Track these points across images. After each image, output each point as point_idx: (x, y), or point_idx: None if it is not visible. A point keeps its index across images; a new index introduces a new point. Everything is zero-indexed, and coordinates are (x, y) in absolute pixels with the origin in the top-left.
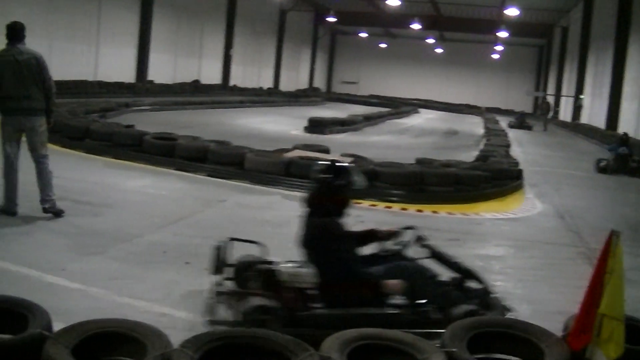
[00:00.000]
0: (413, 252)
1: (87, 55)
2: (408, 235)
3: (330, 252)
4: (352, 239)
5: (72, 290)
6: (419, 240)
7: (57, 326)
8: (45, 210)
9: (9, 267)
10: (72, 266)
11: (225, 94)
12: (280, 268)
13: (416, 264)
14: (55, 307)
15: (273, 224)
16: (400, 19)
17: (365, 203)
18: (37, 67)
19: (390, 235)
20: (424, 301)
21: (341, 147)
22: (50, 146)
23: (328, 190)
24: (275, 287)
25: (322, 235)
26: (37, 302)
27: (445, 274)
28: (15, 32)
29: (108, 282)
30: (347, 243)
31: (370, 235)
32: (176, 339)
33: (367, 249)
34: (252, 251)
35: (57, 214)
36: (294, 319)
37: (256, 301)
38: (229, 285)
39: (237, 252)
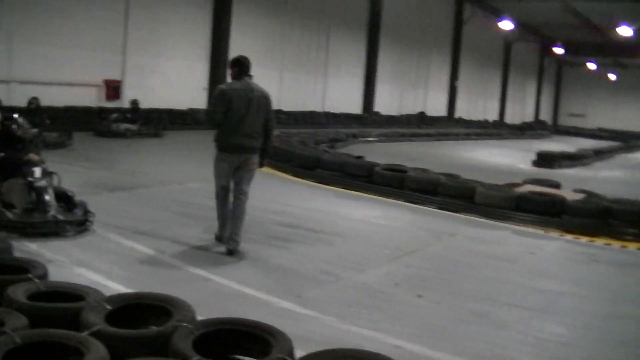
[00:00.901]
0: None
1: (316, 86)
2: None
3: None
4: None
5: (307, 317)
6: None
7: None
8: (228, 252)
9: (247, 291)
10: (307, 293)
11: (450, 126)
12: None
13: None
14: (290, 333)
15: (504, 259)
16: (631, 48)
17: (599, 241)
18: (265, 105)
19: None
20: None
21: (571, 182)
22: (282, 175)
23: None
24: None
25: None
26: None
27: None
28: (245, 67)
29: (341, 311)
30: None
31: None
32: None
33: None
34: None
35: (233, 253)
36: None
37: None
38: None
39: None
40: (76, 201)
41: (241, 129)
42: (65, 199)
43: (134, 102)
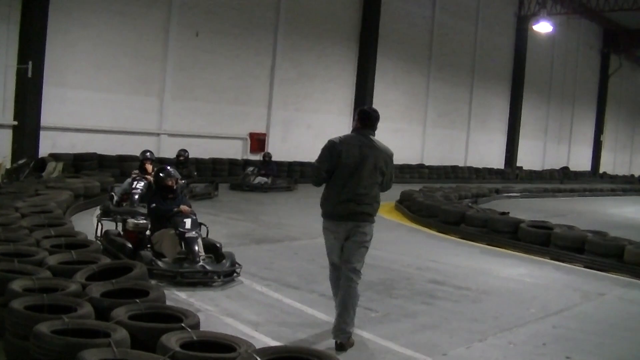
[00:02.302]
0: None
1: (458, 140)
2: None
3: None
4: None
5: None
6: None
7: None
8: (337, 347)
9: (392, 346)
10: (454, 352)
11: (595, 181)
12: None
13: None
14: None
15: None
16: None
17: None
18: (386, 165)
19: None
20: None
21: None
22: (427, 230)
23: None
24: None
25: None
26: None
27: None
28: (370, 119)
29: None
30: None
31: None
32: None
33: None
34: None
35: (342, 348)
36: None
37: None
38: None
39: None
40: (224, 252)
41: (350, 191)
42: (213, 250)
43: (267, 155)
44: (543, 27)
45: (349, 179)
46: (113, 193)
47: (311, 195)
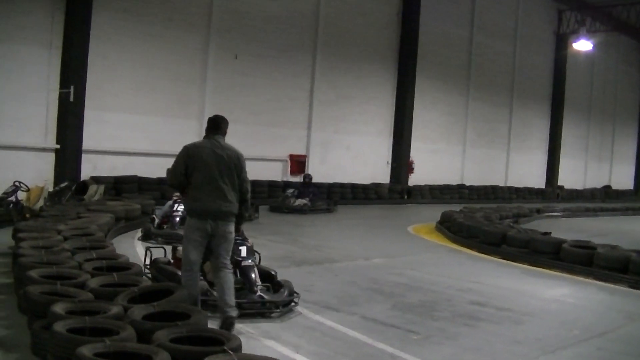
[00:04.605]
0: None
1: (498, 160)
2: None
3: None
4: None
5: None
6: None
7: None
8: (225, 324)
9: None
10: None
11: (637, 200)
12: None
13: None
14: None
15: None
16: None
17: None
18: (240, 165)
19: None
20: None
21: None
22: (467, 251)
23: None
24: None
25: None
26: None
27: None
28: (215, 124)
29: None
30: None
31: None
32: None
33: None
34: None
35: (229, 326)
36: None
37: None
38: None
39: None
40: (281, 280)
41: (214, 190)
42: (268, 278)
43: (307, 177)
44: (582, 45)
45: (210, 180)
46: (154, 215)
47: (351, 217)
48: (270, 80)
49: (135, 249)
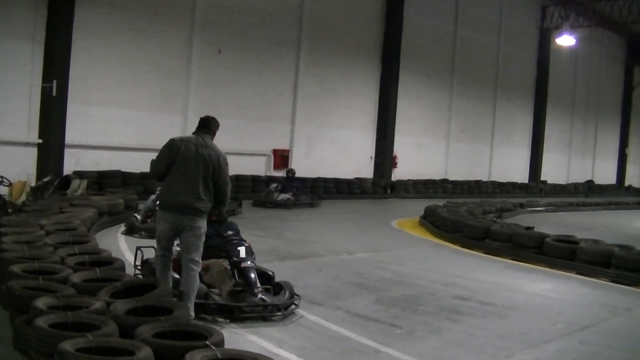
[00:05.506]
0: None
1: (482, 155)
2: None
3: None
4: None
5: None
6: None
7: None
8: None
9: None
10: None
11: (620, 195)
12: None
13: None
14: None
15: None
16: None
17: None
18: (219, 166)
19: None
20: None
21: None
22: (451, 245)
23: None
24: None
25: None
26: None
27: None
28: (207, 124)
29: None
30: None
31: None
32: None
33: None
34: None
35: None
36: None
37: None
38: None
39: None
40: (280, 282)
41: (187, 185)
42: (266, 280)
43: (290, 172)
44: (566, 40)
45: (185, 174)
46: (136, 215)
47: (335, 212)
48: (254, 74)
49: (118, 244)
